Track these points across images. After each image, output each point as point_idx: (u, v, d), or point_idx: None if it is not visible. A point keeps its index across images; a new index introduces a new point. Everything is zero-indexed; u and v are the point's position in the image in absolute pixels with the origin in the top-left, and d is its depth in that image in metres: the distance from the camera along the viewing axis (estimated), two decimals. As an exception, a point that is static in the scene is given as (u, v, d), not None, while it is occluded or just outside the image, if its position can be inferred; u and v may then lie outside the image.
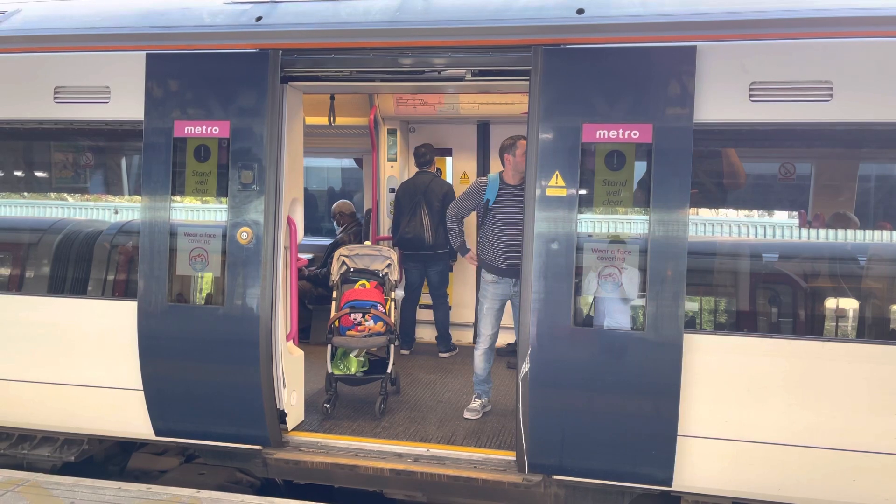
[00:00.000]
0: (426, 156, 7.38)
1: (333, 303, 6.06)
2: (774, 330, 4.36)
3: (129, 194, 5.27)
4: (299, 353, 5.25)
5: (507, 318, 5.83)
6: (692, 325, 4.27)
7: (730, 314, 4.43)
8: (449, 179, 8.04)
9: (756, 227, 4.43)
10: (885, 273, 4.26)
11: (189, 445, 5.19)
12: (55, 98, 5.03)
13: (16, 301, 5.18)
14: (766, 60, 4.09)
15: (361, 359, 5.93)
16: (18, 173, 5.59)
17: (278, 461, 4.88)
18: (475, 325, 7.93)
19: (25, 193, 5.57)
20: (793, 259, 4.44)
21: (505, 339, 7.45)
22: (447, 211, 5.98)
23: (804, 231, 4.34)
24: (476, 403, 5.62)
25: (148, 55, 4.83)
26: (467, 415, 5.56)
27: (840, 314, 4.25)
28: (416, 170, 7.45)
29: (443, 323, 7.44)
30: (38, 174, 5.60)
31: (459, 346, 7.64)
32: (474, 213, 5.88)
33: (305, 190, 5.75)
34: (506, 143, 5.62)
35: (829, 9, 4.07)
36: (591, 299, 4.34)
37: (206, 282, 4.90)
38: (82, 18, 5.10)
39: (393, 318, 6.00)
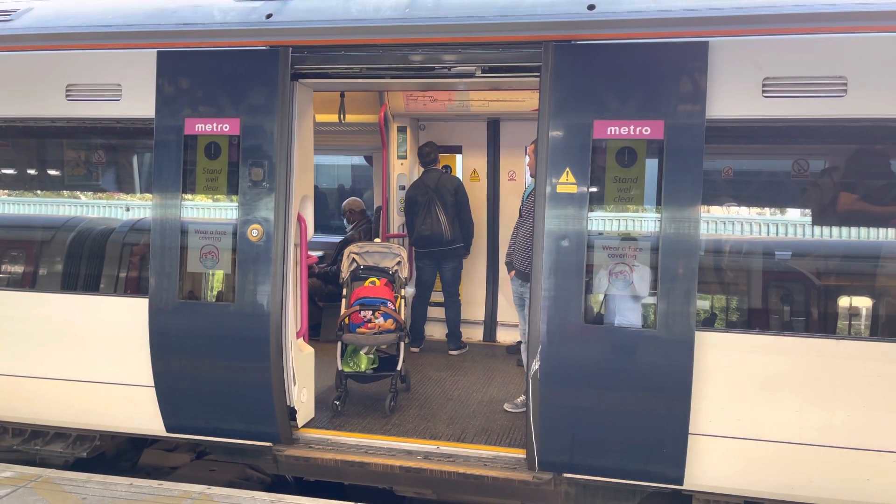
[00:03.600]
0: (430, 154, 7.42)
1: (343, 300, 6.07)
2: (787, 328, 4.32)
3: (141, 192, 5.28)
4: (309, 351, 5.26)
5: (513, 316, 5.82)
6: (704, 322, 4.24)
7: (742, 312, 4.40)
8: (459, 177, 8.02)
9: (768, 225, 4.39)
10: (900, 271, 4.21)
11: (200, 442, 5.21)
12: (67, 96, 5.06)
13: (29, 298, 5.21)
14: (780, 56, 4.05)
15: (371, 356, 5.94)
16: (31, 171, 5.62)
17: (288, 458, 4.90)
18: (485, 323, 7.95)
19: (38, 191, 5.60)
20: (805, 256, 4.39)
21: (514, 336, 7.47)
22: None
23: (817, 228, 4.30)
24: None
25: (159, 53, 4.85)
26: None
27: (854, 312, 4.21)
28: (423, 169, 7.48)
29: (454, 321, 7.44)
30: (51, 172, 5.63)
31: (469, 344, 7.63)
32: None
33: (315, 187, 5.76)
34: None
35: (843, 3, 4.03)
36: (601, 297, 4.32)
37: (216, 279, 4.91)
38: (94, 16, 5.12)
39: (403, 316, 6.00)
